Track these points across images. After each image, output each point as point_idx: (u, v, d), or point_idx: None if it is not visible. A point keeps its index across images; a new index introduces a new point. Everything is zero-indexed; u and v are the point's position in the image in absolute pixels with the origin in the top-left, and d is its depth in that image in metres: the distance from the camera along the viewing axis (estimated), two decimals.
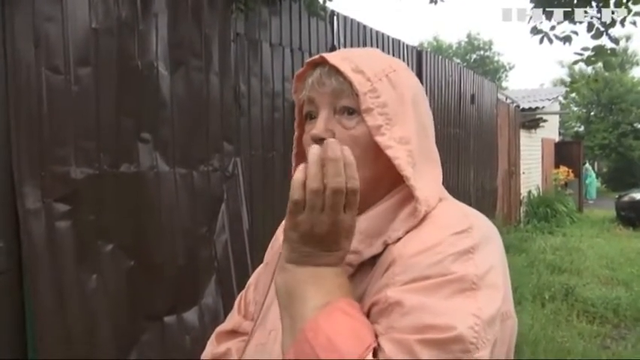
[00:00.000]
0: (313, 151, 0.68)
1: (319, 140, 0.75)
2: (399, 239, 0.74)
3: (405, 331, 0.63)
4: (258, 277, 1.03)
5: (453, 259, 0.67)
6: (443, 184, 0.85)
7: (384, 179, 0.79)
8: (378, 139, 0.76)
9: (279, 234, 0.99)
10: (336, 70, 0.78)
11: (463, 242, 0.70)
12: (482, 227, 0.74)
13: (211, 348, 1.02)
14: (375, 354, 0.63)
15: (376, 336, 0.65)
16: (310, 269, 0.70)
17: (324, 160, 0.67)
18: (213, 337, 1.04)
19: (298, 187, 0.67)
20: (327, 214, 0.67)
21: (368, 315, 0.70)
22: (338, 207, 0.67)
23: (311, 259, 0.70)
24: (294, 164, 0.88)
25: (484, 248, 0.71)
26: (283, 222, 1.03)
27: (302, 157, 0.83)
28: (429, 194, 0.76)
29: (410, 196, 0.76)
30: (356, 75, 0.77)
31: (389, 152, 0.75)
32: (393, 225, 0.76)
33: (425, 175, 0.78)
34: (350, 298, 0.69)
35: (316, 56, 0.82)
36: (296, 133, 0.88)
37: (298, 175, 0.68)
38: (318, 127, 0.78)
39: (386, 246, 0.74)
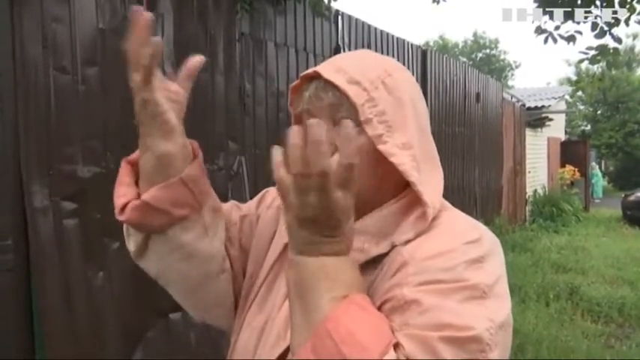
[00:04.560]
0: (293, 133, 0.62)
1: None
2: (408, 242, 0.74)
3: (424, 328, 0.63)
4: (252, 222, 0.99)
5: (465, 266, 0.69)
6: (447, 183, 0.85)
7: (389, 184, 0.80)
8: (381, 147, 0.76)
9: (273, 191, 0.98)
10: (331, 84, 0.77)
11: (474, 251, 0.71)
12: (489, 239, 0.76)
13: None
14: (394, 350, 0.62)
15: (392, 332, 0.64)
16: (321, 260, 0.66)
17: (308, 142, 0.62)
18: None
19: (278, 168, 0.64)
20: (316, 196, 0.63)
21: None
22: (326, 188, 0.63)
23: (316, 247, 0.67)
24: None
25: (492, 259, 0.72)
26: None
27: None
28: (434, 198, 0.77)
29: (416, 200, 0.77)
30: (351, 87, 0.77)
31: (393, 159, 0.76)
32: (402, 227, 0.76)
33: (429, 178, 0.79)
34: (364, 293, 0.68)
35: (310, 70, 0.81)
36: None
37: (276, 156, 0.64)
38: None
39: (393, 247, 0.75)
